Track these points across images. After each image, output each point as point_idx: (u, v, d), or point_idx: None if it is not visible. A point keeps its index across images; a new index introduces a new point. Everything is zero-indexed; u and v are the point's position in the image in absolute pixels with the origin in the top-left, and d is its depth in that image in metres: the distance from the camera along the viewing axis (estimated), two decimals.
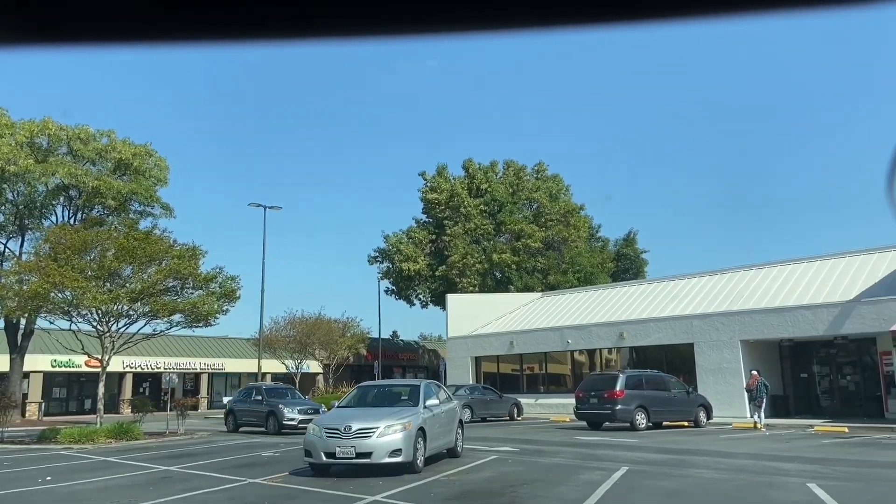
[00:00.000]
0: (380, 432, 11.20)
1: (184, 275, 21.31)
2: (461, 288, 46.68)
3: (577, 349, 32.97)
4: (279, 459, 14.52)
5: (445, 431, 13.29)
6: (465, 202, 49.67)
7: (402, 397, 13.10)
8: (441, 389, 14.37)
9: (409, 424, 11.44)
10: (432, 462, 12.77)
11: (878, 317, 23.12)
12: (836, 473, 10.98)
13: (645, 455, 14.27)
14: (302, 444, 12.13)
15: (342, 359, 44.46)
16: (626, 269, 54.22)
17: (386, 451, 11.10)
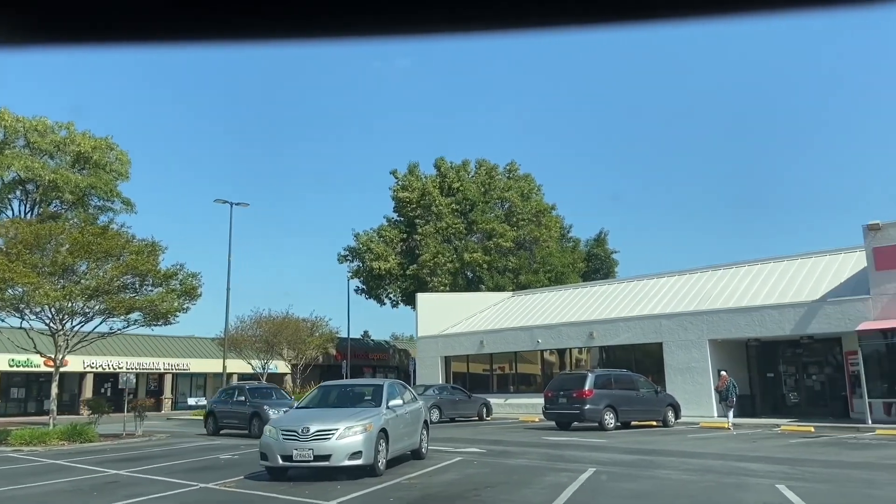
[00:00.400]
0: (339, 434, 10.76)
1: (142, 271, 20.59)
2: (432, 287, 46.31)
3: (547, 349, 32.79)
4: (237, 462, 14.00)
5: (409, 432, 12.89)
6: (437, 201, 49.31)
7: (365, 398, 12.66)
8: (406, 390, 13.97)
9: (370, 426, 11.02)
10: (395, 464, 12.37)
11: (844, 317, 23.26)
12: (805, 474, 10.82)
13: (612, 456, 14.04)
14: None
15: (310, 359, 43.79)
16: (597, 269, 54.35)
17: (345, 454, 10.67)
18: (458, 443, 17.55)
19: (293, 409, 12.97)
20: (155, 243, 21.60)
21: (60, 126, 30.67)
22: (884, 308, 22.17)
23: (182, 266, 21.98)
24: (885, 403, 21.79)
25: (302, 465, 10.86)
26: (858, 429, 19.84)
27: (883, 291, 22.34)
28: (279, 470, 11.10)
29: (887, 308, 22.05)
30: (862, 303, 22.89)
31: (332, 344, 48.97)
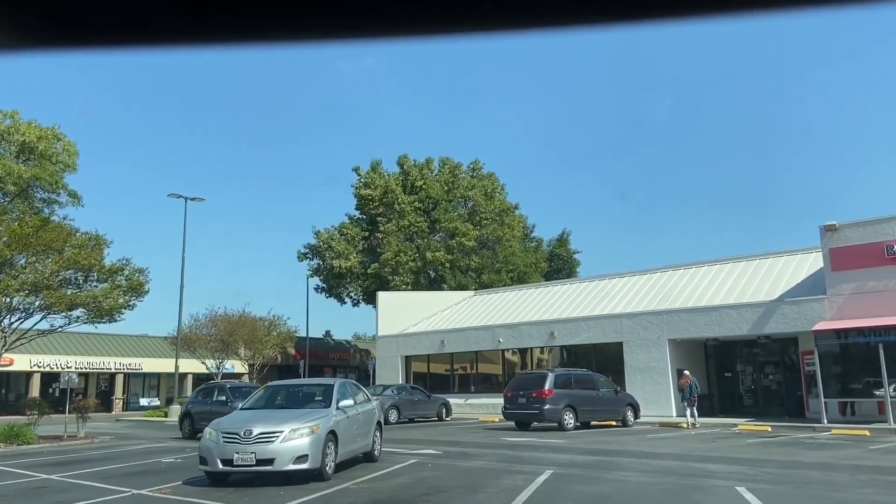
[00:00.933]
0: (284, 437, 10.18)
1: (85, 266, 19.61)
2: (394, 286, 45.75)
3: (509, 348, 32.51)
4: (179, 466, 13.29)
5: (361, 434, 12.36)
6: (400, 199, 48.75)
7: (315, 398, 12.09)
8: (359, 390, 13.43)
9: (317, 428, 10.46)
10: (346, 467, 11.83)
11: (801, 316, 23.41)
12: (764, 475, 10.60)
13: (571, 457, 13.71)
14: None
15: (268, 358, 42.87)
16: (559, 269, 54.41)
17: (290, 458, 10.09)
18: (414, 444, 17.06)
19: (237, 410, 12.32)
20: (99, 237, 20.64)
21: (5, 115, 29.31)
22: (839, 308, 22.35)
23: (128, 261, 21.08)
24: (839, 403, 21.96)
25: (243, 470, 10.25)
26: (814, 428, 19.92)
27: (839, 292, 22.52)
28: (220, 475, 10.47)
29: (843, 308, 22.24)
30: (818, 303, 23.06)
31: (291, 343, 48.10)
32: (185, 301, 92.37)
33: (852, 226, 22.50)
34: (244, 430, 10.26)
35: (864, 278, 21.92)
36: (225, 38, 1.07)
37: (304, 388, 12.81)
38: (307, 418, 10.65)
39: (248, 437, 10.16)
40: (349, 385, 12.98)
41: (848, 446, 15.24)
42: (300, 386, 13.03)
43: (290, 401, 12.12)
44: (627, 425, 22.71)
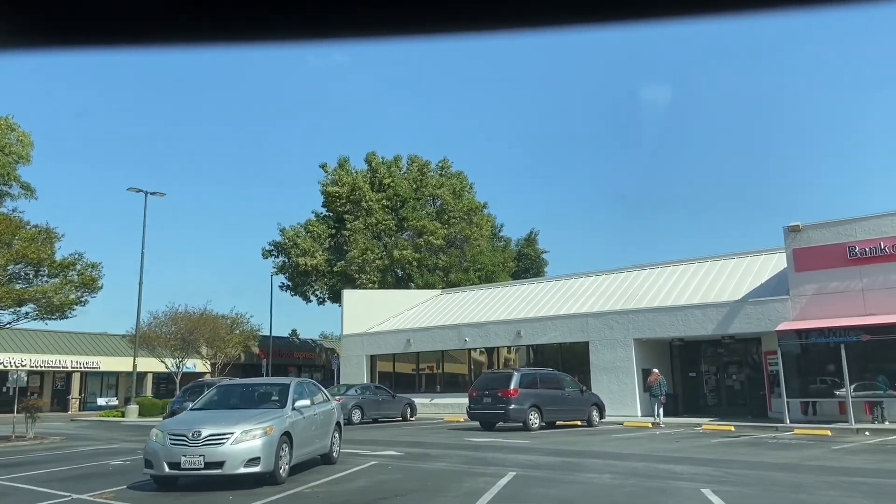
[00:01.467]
0: (235, 438, 9.69)
1: (34, 260, 18.78)
2: (360, 284, 45.21)
3: (475, 347, 32.25)
4: (127, 469, 12.69)
5: (319, 435, 11.91)
6: (367, 196, 48.20)
7: (269, 398, 11.60)
8: (318, 389, 12.97)
9: (270, 429, 9.99)
10: (302, 470, 11.38)
11: (764, 317, 23.54)
12: (729, 477, 10.43)
13: (536, 458, 13.44)
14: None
15: (231, 357, 42.02)
16: (527, 269, 54.37)
17: (241, 461, 9.62)
18: (376, 445, 16.64)
19: (187, 410, 11.78)
20: (50, 230, 19.79)
21: None
22: (802, 309, 22.50)
23: (81, 256, 20.26)
24: (802, 403, 22.10)
25: (192, 474, 9.74)
26: (777, 428, 19.99)
27: (802, 292, 22.68)
28: (167, 479, 9.95)
29: (806, 309, 22.39)
30: (781, 303, 23.20)
31: (255, 342, 47.32)
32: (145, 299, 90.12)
33: (815, 227, 22.68)
34: (192, 431, 9.75)
35: (827, 279, 22.09)
36: (196, 38, 1.08)
37: (259, 387, 12.30)
38: (260, 419, 10.18)
39: (196, 439, 9.65)
40: (306, 384, 12.51)
41: (811, 446, 15.24)
42: (255, 385, 12.52)
43: (243, 401, 11.61)
44: (593, 425, 22.58)
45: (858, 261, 21.53)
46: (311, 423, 11.46)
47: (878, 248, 21.24)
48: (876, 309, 20.85)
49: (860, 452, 13.91)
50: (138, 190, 35.98)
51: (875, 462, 12.15)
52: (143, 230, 36.15)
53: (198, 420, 10.29)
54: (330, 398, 13.26)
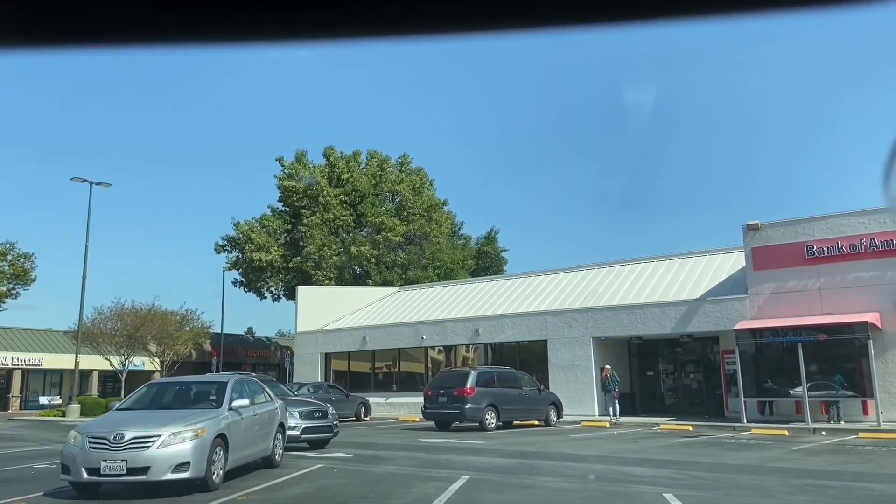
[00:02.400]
0: (162, 441, 8.85)
1: None
2: (316, 281, 44.20)
3: (433, 345, 31.61)
4: (50, 473, 11.60)
5: (259, 437, 11.11)
6: (325, 191, 47.19)
7: (205, 398, 10.74)
8: (260, 388, 12.15)
9: (202, 431, 9.18)
10: (240, 474, 10.57)
11: (722, 316, 23.42)
12: (691, 480, 9.97)
13: (491, 460, 12.85)
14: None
15: (180, 355, 40.64)
16: (487, 268, 53.94)
17: (168, 466, 8.78)
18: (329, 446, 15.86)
19: (112, 410, 10.86)
20: None
21: None
22: (760, 308, 22.43)
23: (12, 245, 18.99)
24: (759, 402, 22.02)
25: (113, 480, 8.88)
26: (734, 428, 19.81)
27: (759, 291, 22.61)
28: (86, 486, 9.06)
29: (763, 308, 22.32)
30: (739, 302, 23.11)
31: (208, 339, 46.01)
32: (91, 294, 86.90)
33: (774, 225, 22.63)
34: (114, 433, 8.88)
35: (785, 278, 22.05)
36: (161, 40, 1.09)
37: (194, 386, 11.40)
38: (191, 420, 9.34)
39: (118, 443, 8.78)
40: (247, 383, 11.68)
41: (770, 447, 14.99)
42: (189, 384, 11.62)
43: (176, 400, 10.73)
44: (550, 425, 22.15)
45: (816, 260, 21.53)
46: (250, 424, 10.66)
47: (835, 248, 21.26)
48: (833, 308, 20.85)
49: (820, 453, 13.68)
50: (83, 180, 34.43)
51: (837, 464, 11.87)
52: (88, 222, 34.52)
53: (122, 421, 9.41)
54: (273, 397, 12.44)
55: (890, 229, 20.52)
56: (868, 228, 20.92)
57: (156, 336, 38.25)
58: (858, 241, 20.93)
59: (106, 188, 35.37)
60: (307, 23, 1.03)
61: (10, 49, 1.08)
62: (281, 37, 1.07)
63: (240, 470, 10.66)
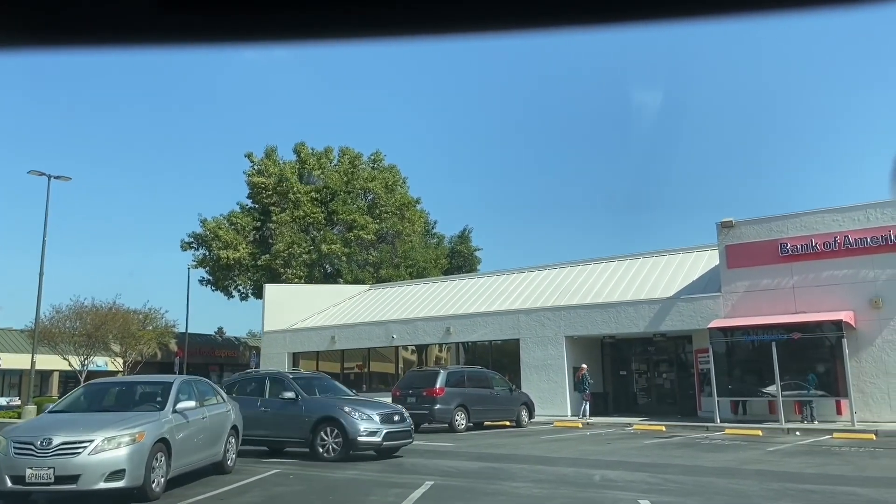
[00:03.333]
0: (94, 447, 8.07)
1: None
2: (286, 279, 43.26)
3: (403, 345, 30.93)
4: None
5: (208, 442, 10.34)
6: (295, 188, 46.26)
7: (150, 399, 9.95)
8: (210, 389, 11.38)
9: (140, 435, 8.41)
10: (187, 481, 9.81)
11: (696, 314, 23.09)
12: (668, 484, 9.44)
13: (458, 464, 12.23)
14: None
15: (144, 354, 39.46)
16: (460, 267, 53.36)
17: (101, 474, 8.00)
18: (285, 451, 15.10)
19: (45, 413, 10.02)
20: None
21: None
22: (734, 306, 22.13)
23: None
24: (732, 402, 21.71)
25: (40, 490, 8.08)
26: (708, 428, 19.44)
27: (733, 289, 22.31)
28: (14, 495, 8.24)
29: (737, 306, 22.02)
30: (713, 300, 22.80)
31: (174, 339, 44.85)
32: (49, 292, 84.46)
33: (748, 223, 22.35)
34: (42, 438, 8.07)
35: (759, 276, 21.77)
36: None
37: (137, 386, 10.59)
38: (128, 424, 8.56)
39: (45, 448, 7.98)
40: (195, 383, 10.89)
41: (745, 448, 14.57)
42: (131, 384, 10.80)
43: (116, 402, 9.94)
44: (522, 426, 21.59)
45: (790, 258, 21.27)
46: (197, 427, 9.89)
47: (809, 246, 21.02)
48: (807, 307, 20.61)
49: (797, 454, 13.28)
50: (40, 173, 33.09)
51: (816, 465, 11.45)
52: (46, 216, 33.15)
53: (51, 425, 8.59)
54: (227, 399, 11.67)
55: (863, 227, 20.34)
56: (842, 226, 20.71)
57: (117, 335, 37.07)
58: (832, 239, 20.71)
59: (65, 182, 34.06)
60: (285, 24, 1.03)
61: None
62: (258, 38, 1.07)
63: (187, 477, 9.90)
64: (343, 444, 12.52)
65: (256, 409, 13.19)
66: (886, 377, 19.58)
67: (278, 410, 13.28)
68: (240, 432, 11.71)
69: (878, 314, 19.85)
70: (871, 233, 20.17)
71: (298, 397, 13.28)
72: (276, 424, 13.20)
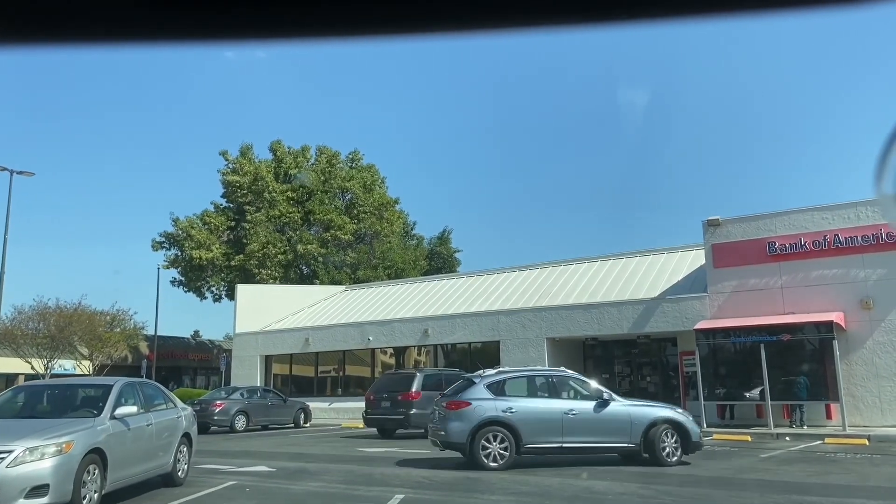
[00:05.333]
0: (14, 459, 7.04)
1: None
2: (260, 280, 42.09)
3: (380, 347, 29.94)
4: None
5: (154, 451, 9.32)
6: (271, 187, 45.11)
7: (88, 404, 8.92)
8: (159, 393, 10.35)
9: (68, 445, 7.39)
10: (128, 495, 8.81)
11: (681, 315, 22.40)
12: (662, 497, 8.56)
13: (433, 474, 11.30)
14: None
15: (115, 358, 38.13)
16: (439, 269, 52.49)
17: (20, 489, 6.97)
18: (248, 458, 14.09)
19: None
20: None
21: None
22: (720, 307, 21.45)
23: None
24: (718, 406, 21.04)
25: None
26: None
27: (720, 290, 21.64)
28: None
29: (724, 307, 21.34)
30: (699, 301, 22.11)
31: (144, 341, 43.54)
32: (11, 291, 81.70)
33: (735, 221, 21.70)
34: None
35: (746, 276, 21.12)
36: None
37: (73, 390, 9.54)
38: (55, 432, 7.53)
39: None
40: (141, 386, 9.85)
41: (737, 454, 13.82)
42: (66, 388, 9.74)
43: (48, 408, 8.91)
44: None
45: (778, 257, 20.64)
46: (140, 435, 8.88)
47: (798, 245, 20.40)
48: (795, 308, 19.97)
49: (793, 462, 12.51)
50: (2, 168, 31.75)
51: (816, 474, 10.67)
52: (7, 213, 31.76)
53: None
54: (178, 404, 10.64)
55: (853, 225, 19.76)
56: (832, 225, 20.12)
57: (83, 337, 35.71)
58: (822, 238, 20.11)
59: (28, 178, 32.71)
60: (263, 23, 1.02)
61: None
62: (235, 37, 1.06)
63: (129, 491, 8.90)
64: (682, 447, 11.80)
65: (553, 413, 11.91)
66: (877, 380, 18.98)
67: (594, 415, 11.95)
68: (193, 440, 10.69)
69: (869, 315, 19.26)
70: (861, 231, 19.58)
71: (609, 398, 12.19)
72: (590, 430, 11.87)
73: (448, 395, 13.03)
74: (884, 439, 16.23)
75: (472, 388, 12.33)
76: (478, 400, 11.97)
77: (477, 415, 11.76)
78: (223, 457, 14.24)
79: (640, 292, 24.85)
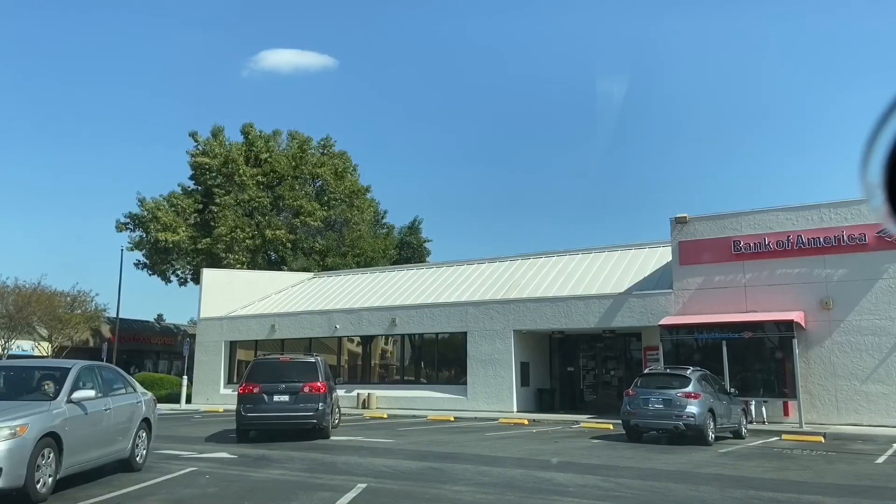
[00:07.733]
0: None
1: None
2: (227, 264, 41.44)
3: (347, 335, 29.80)
4: None
5: (112, 436, 9.13)
6: (241, 171, 44.41)
7: (43, 387, 8.69)
8: (118, 377, 10.13)
9: (22, 429, 7.20)
10: (83, 481, 8.62)
11: (647, 311, 22.66)
12: (622, 490, 8.67)
13: (396, 463, 11.27)
14: None
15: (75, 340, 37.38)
16: (409, 259, 52.39)
17: None
18: (210, 445, 13.94)
19: None
20: None
21: None
22: (686, 303, 21.75)
23: None
24: None
25: None
26: None
27: (685, 286, 21.93)
28: None
29: (689, 303, 21.65)
30: (665, 297, 22.39)
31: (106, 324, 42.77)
32: None
33: (702, 219, 21.99)
34: None
35: (711, 273, 21.43)
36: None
37: (29, 372, 9.29)
38: (7, 415, 7.31)
39: None
40: (99, 370, 9.63)
41: (696, 449, 14.01)
42: (22, 370, 9.47)
43: (3, 389, 8.66)
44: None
45: (742, 256, 20.98)
46: (98, 420, 8.69)
47: (762, 244, 20.75)
48: (758, 306, 20.34)
49: (751, 458, 12.76)
50: None
51: (773, 470, 10.89)
52: None
53: None
54: (138, 389, 10.44)
55: (816, 227, 20.15)
56: (795, 226, 20.50)
57: (42, 318, 34.91)
58: (786, 238, 20.48)
59: None
60: None
61: None
62: None
63: (85, 476, 8.72)
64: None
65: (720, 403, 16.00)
66: (834, 379, 19.44)
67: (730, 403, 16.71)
68: (152, 425, 10.50)
69: (829, 315, 19.70)
70: (823, 233, 19.99)
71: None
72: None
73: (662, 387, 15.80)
74: (839, 437, 16.63)
75: (691, 382, 15.45)
76: (703, 393, 15.35)
77: (706, 404, 15.15)
78: (185, 443, 14.05)
79: (608, 287, 25.07)
